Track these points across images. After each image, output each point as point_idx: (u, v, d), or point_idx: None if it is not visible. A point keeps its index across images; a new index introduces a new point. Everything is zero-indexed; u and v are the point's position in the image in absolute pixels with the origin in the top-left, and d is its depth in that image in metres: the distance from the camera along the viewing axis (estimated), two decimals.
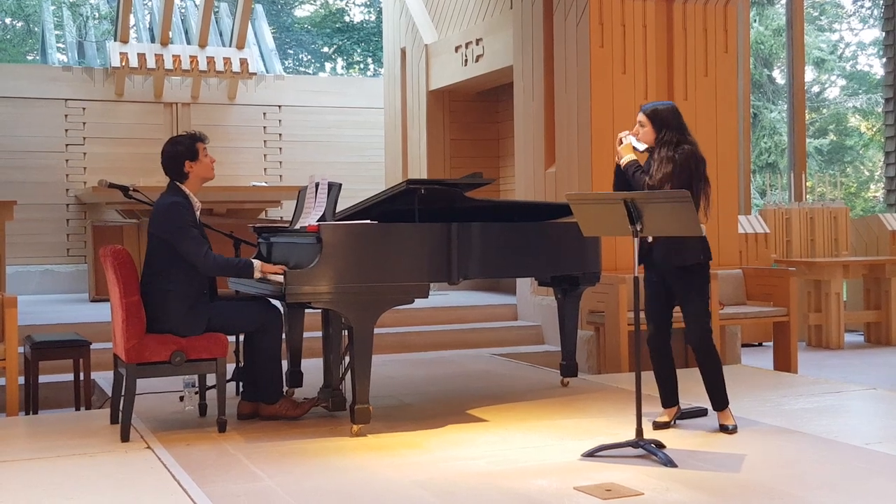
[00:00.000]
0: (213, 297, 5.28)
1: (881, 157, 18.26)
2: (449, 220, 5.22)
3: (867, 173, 22.49)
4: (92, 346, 6.31)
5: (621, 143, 5.08)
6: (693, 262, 4.96)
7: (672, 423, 5.13)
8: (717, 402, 5.07)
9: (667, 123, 4.99)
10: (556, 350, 7.35)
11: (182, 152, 5.21)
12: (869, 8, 22.08)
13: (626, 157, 5.03)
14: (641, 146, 5.04)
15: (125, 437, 4.93)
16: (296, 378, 6.01)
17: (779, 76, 20.62)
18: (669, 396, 5.17)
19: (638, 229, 4.55)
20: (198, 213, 5.23)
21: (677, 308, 5.12)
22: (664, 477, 4.16)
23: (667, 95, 8.01)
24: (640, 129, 5.05)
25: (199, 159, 5.23)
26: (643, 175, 4.95)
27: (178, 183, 5.22)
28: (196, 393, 5.56)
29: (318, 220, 5.15)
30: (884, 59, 12.60)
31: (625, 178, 5.07)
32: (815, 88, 22.07)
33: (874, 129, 21.40)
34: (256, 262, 5.17)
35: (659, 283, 5.07)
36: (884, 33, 12.48)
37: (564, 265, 5.85)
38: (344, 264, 4.93)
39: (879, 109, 17.92)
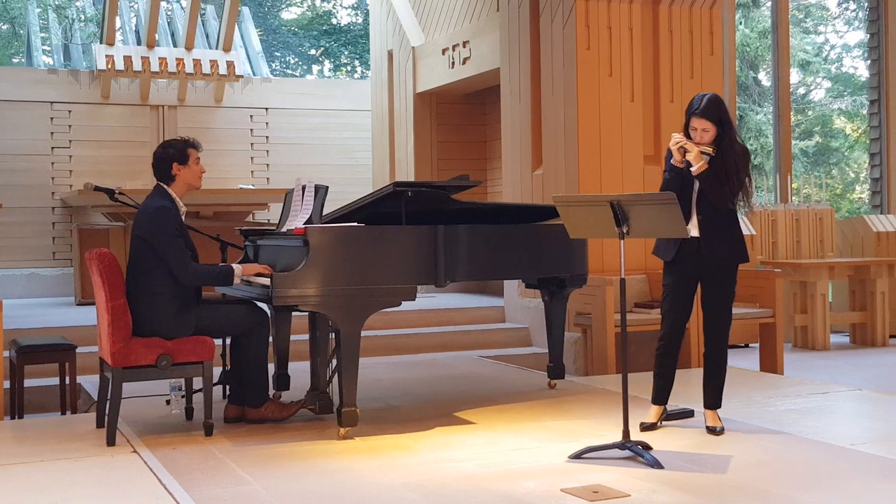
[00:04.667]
0: (200, 300, 5.27)
1: (866, 158, 18.33)
2: (436, 223, 5.22)
3: (853, 175, 22.57)
4: (78, 350, 6.29)
5: (684, 150, 4.88)
6: (742, 260, 5.04)
7: (658, 424, 5.15)
8: (714, 401, 5.11)
9: (726, 121, 4.94)
10: (543, 352, 7.37)
11: (172, 154, 5.20)
12: (854, 10, 22.18)
13: (697, 166, 4.87)
14: (709, 150, 4.88)
15: (111, 441, 4.92)
16: (283, 381, 6.00)
17: (764, 78, 20.69)
18: (664, 394, 5.18)
19: (624, 231, 4.57)
20: (183, 217, 5.22)
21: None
22: (651, 478, 4.17)
23: (653, 98, 8.03)
24: (703, 135, 4.90)
25: (189, 165, 5.22)
26: (723, 187, 4.86)
27: (164, 185, 5.20)
28: (182, 396, 5.55)
29: (304, 223, 5.14)
30: (868, 62, 12.66)
31: (684, 181, 4.93)
32: (801, 90, 22.15)
33: (859, 131, 21.49)
34: (237, 268, 5.16)
35: (688, 282, 5.07)
36: (868, 35, 12.53)
37: (551, 267, 5.86)
38: (331, 267, 4.93)
39: (864, 111, 18.01)
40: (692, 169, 4.90)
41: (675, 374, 5.21)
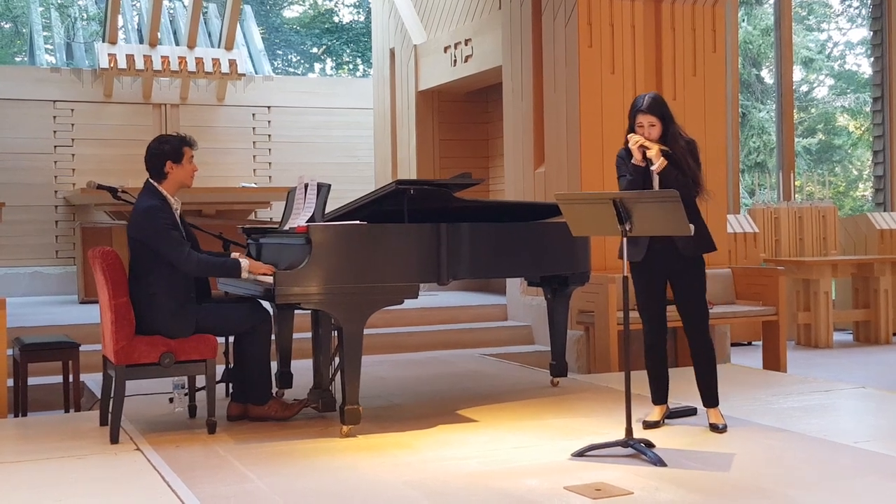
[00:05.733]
0: (204, 299, 5.26)
1: (869, 156, 18.32)
2: (438, 221, 5.22)
3: (856, 172, 22.55)
4: (81, 348, 6.29)
5: (645, 148, 4.93)
6: (711, 249, 5.06)
7: (661, 422, 5.15)
8: (711, 399, 5.10)
9: (669, 116, 5.02)
10: (545, 350, 7.36)
11: (167, 151, 5.18)
12: (857, 7, 22.15)
13: (659, 163, 4.92)
14: (666, 148, 4.95)
15: (114, 439, 4.92)
16: (285, 379, 6.00)
17: (767, 76, 20.66)
18: (661, 393, 5.19)
19: (627, 229, 4.57)
20: (177, 213, 5.20)
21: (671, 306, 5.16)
22: (654, 476, 4.17)
23: None
24: (650, 130, 4.97)
25: (182, 163, 5.19)
26: (686, 178, 4.93)
27: (154, 183, 5.18)
28: (185, 394, 5.54)
29: (307, 221, 5.14)
30: (872, 59, 12.64)
31: (646, 179, 4.98)
32: (804, 88, 22.12)
33: (862, 129, 21.46)
34: (244, 262, 5.14)
35: (658, 280, 5.09)
36: (871, 33, 12.52)
37: (554, 265, 5.86)
38: (333, 265, 4.93)
39: (868, 109, 17.99)
40: (653, 167, 4.94)
41: (668, 372, 5.22)
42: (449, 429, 5.18)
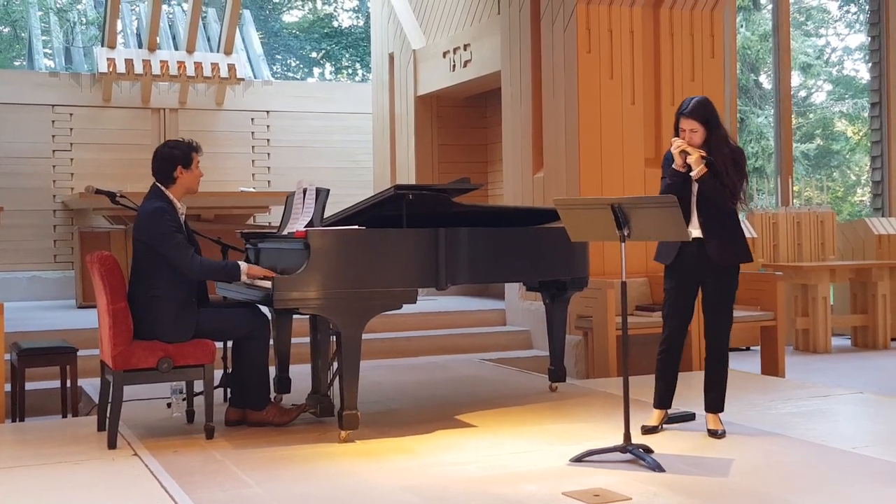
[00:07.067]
0: (203, 303, 5.26)
1: (867, 161, 18.33)
2: (437, 226, 5.22)
3: (854, 178, 22.57)
4: (79, 353, 6.28)
5: (685, 153, 4.89)
6: (745, 259, 5.04)
7: (660, 427, 5.15)
8: (714, 405, 5.11)
9: (714, 122, 4.97)
10: (544, 355, 7.35)
11: (178, 156, 5.20)
12: (855, 13, 22.18)
13: (698, 170, 4.89)
14: (705, 155, 4.92)
15: (112, 445, 4.92)
16: (284, 384, 6.00)
17: (765, 81, 20.68)
18: (666, 398, 5.19)
19: (625, 234, 4.57)
20: (182, 217, 5.22)
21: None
22: (652, 482, 4.17)
23: (654, 101, 8.03)
24: (692, 136, 4.93)
25: (191, 169, 5.23)
26: (724, 189, 4.89)
27: (162, 187, 5.20)
28: (183, 399, 5.55)
29: (305, 226, 5.15)
30: (870, 64, 12.66)
31: (685, 185, 4.95)
32: (802, 93, 22.14)
33: (860, 134, 21.49)
34: (243, 265, 5.17)
35: (690, 284, 5.08)
36: (869, 38, 12.54)
37: (552, 270, 5.86)
38: (332, 270, 4.93)
39: (866, 114, 18.00)
40: (692, 173, 4.92)
41: (677, 378, 5.21)
42: (447, 434, 5.18)
